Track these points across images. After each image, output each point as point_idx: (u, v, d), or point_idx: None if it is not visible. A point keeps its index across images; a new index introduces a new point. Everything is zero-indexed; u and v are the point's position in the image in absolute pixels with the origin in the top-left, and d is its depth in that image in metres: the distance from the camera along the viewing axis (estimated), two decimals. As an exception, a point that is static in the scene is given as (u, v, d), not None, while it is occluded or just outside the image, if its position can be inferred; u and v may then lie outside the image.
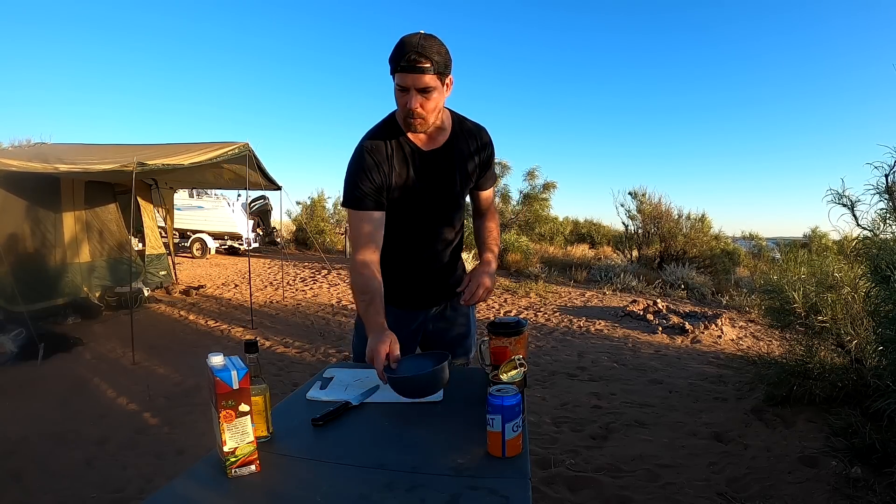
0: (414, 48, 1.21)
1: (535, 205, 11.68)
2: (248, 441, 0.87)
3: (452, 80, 1.33)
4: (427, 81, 1.23)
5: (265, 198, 12.86)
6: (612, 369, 4.21)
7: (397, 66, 1.23)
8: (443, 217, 1.49)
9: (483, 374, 1.29)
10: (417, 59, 1.21)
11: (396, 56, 1.23)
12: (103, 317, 5.66)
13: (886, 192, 2.55)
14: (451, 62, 1.29)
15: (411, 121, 1.29)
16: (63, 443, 2.69)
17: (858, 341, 2.73)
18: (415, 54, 1.20)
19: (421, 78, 1.23)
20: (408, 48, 1.21)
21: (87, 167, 4.75)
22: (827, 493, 2.06)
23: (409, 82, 1.24)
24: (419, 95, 1.25)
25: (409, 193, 1.40)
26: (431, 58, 1.22)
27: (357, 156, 1.37)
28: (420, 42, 1.21)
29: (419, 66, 1.21)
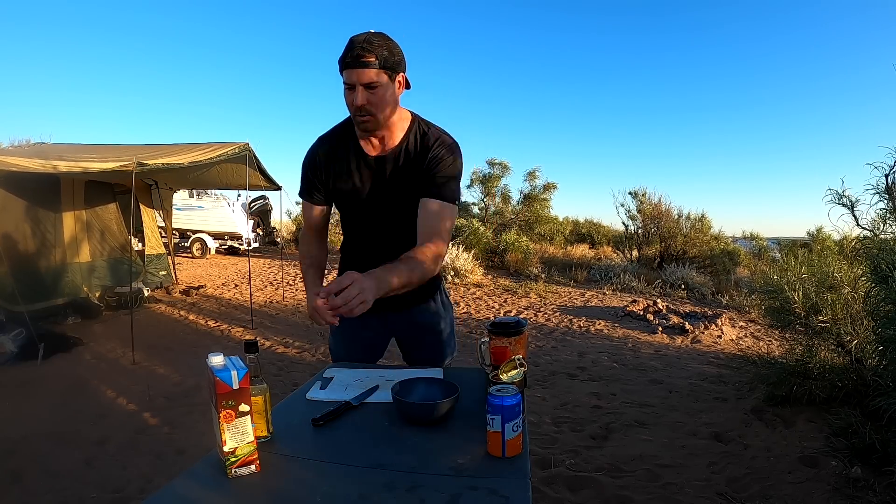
0: (359, 44, 1.21)
1: (535, 205, 11.67)
2: (248, 441, 0.87)
3: (406, 80, 1.32)
4: (372, 76, 1.22)
5: (265, 198, 12.87)
6: (612, 369, 4.21)
7: (343, 63, 1.23)
8: (397, 222, 1.42)
9: (483, 374, 1.29)
10: (362, 54, 1.20)
11: (343, 54, 1.23)
12: (103, 317, 5.66)
13: (886, 192, 2.55)
14: (402, 60, 1.28)
15: (360, 119, 1.28)
16: (63, 443, 2.69)
17: (858, 341, 2.73)
18: (359, 50, 1.20)
19: (366, 73, 1.22)
20: (353, 44, 1.21)
21: (87, 166, 4.75)
22: (827, 493, 2.06)
23: (354, 78, 1.23)
24: (365, 91, 1.24)
25: (356, 198, 1.42)
26: (376, 52, 1.21)
27: (307, 156, 1.44)
28: (366, 38, 1.21)
29: (363, 60, 1.20)
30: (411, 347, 1.62)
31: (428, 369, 1.43)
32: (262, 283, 8.32)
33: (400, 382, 1.13)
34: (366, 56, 1.21)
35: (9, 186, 4.90)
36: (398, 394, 1.09)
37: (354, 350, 1.58)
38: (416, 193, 1.36)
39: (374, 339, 1.60)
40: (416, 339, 1.61)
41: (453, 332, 1.67)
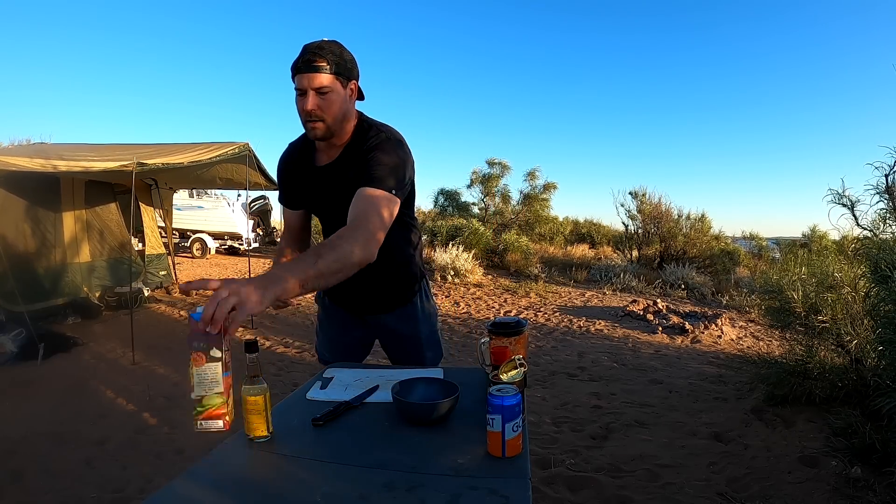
0: (311, 50, 1.22)
1: (535, 205, 11.68)
2: (218, 391, 0.80)
3: (359, 88, 1.32)
4: (323, 81, 1.23)
5: (265, 198, 12.87)
6: (612, 369, 4.20)
7: (295, 69, 1.24)
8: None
9: (483, 374, 1.29)
10: (313, 59, 1.22)
11: (296, 59, 1.24)
12: (103, 317, 5.66)
13: (886, 192, 2.55)
14: (355, 68, 1.29)
15: (310, 125, 1.27)
16: (63, 443, 2.69)
17: (858, 341, 2.73)
18: (310, 55, 1.22)
19: (316, 77, 1.22)
20: (306, 50, 1.23)
21: (87, 166, 4.75)
22: (827, 493, 2.06)
23: (305, 83, 1.23)
24: (316, 96, 1.24)
25: (313, 206, 1.48)
26: (327, 58, 1.22)
27: (278, 163, 1.50)
28: (319, 45, 1.23)
29: (314, 64, 1.22)
30: (392, 351, 1.64)
31: (428, 369, 1.43)
32: (262, 283, 8.31)
33: (400, 382, 1.13)
34: (317, 61, 1.22)
35: (9, 186, 4.90)
36: (398, 394, 1.09)
37: (337, 352, 1.60)
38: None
39: (355, 342, 1.62)
40: (395, 343, 1.61)
41: (437, 338, 1.63)
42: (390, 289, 1.53)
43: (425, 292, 1.61)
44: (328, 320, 1.63)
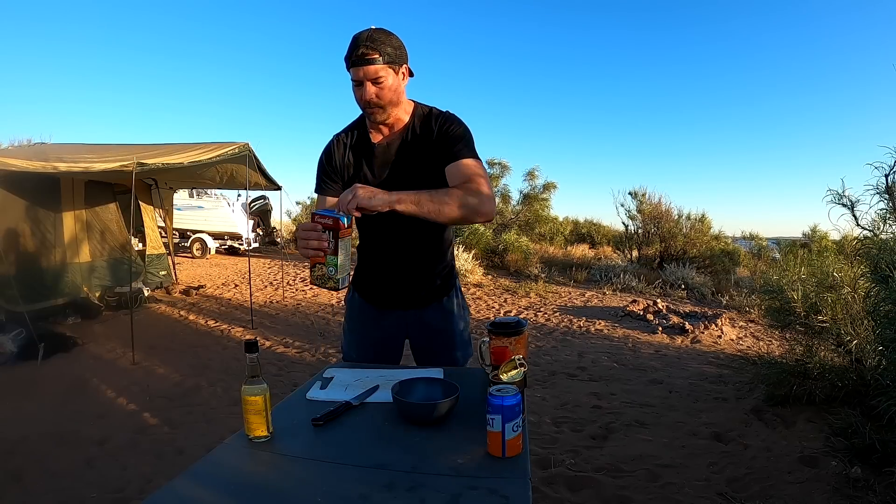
0: (363, 42, 1.27)
1: (535, 205, 11.68)
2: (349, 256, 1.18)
3: (409, 69, 1.39)
4: (378, 71, 1.29)
5: (265, 198, 12.86)
6: (612, 369, 4.21)
7: (350, 61, 1.30)
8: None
9: (483, 374, 1.29)
10: (367, 52, 1.27)
11: (349, 52, 1.29)
12: (103, 317, 5.66)
13: (886, 192, 2.55)
14: (404, 52, 1.34)
15: (370, 111, 1.36)
16: (63, 443, 2.69)
17: (858, 341, 2.73)
18: (363, 48, 1.27)
19: (372, 69, 1.29)
20: (357, 42, 1.28)
21: (87, 166, 4.75)
22: (827, 493, 2.06)
23: (361, 75, 1.30)
24: (373, 86, 1.31)
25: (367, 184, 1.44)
26: (380, 49, 1.28)
27: (323, 151, 1.50)
28: (370, 35, 1.28)
29: (369, 57, 1.27)
30: (422, 348, 1.60)
31: (428, 369, 1.43)
32: (262, 283, 8.33)
33: (400, 382, 1.13)
34: (370, 53, 1.27)
35: (9, 186, 4.90)
36: (398, 394, 1.09)
37: (368, 352, 1.57)
38: (430, 172, 1.38)
39: (386, 340, 1.58)
40: (428, 340, 1.58)
41: (469, 337, 1.63)
42: (432, 280, 1.53)
43: (458, 288, 1.63)
44: (359, 318, 1.60)
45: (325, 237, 1.16)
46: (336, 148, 1.47)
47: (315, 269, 1.20)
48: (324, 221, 1.16)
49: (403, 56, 1.34)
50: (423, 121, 1.43)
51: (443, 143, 1.38)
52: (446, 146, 1.37)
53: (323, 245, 1.16)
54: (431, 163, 1.39)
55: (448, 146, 1.37)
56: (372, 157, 1.44)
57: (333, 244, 1.16)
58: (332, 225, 1.15)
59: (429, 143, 1.40)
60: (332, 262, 1.17)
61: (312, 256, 1.19)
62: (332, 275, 1.18)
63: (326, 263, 1.18)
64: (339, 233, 1.15)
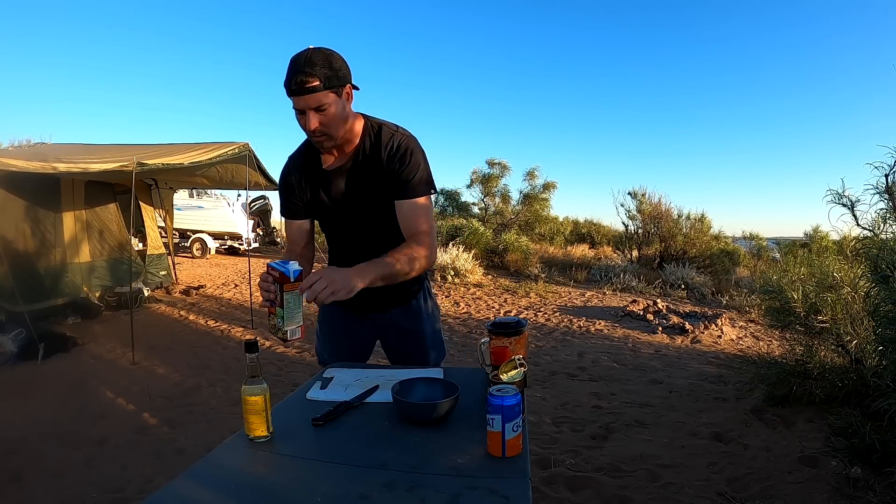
0: (301, 68, 1.20)
1: (535, 205, 11.68)
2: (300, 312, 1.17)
3: (351, 90, 1.31)
4: (319, 99, 1.23)
5: (265, 198, 12.87)
6: (612, 369, 4.20)
7: (289, 90, 1.23)
8: (368, 228, 1.44)
9: (483, 374, 1.29)
10: (305, 81, 1.20)
11: (287, 80, 1.22)
12: (103, 317, 5.66)
13: (886, 192, 2.55)
14: (347, 73, 1.27)
15: (317, 140, 1.31)
16: (63, 443, 2.69)
17: (858, 341, 2.73)
18: (301, 76, 1.19)
19: (312, 98, 1.22)
20: (295, 70, 1.20)
21: (87, 167, 4.75)
22: (827, 493, 2.06)
23: (302, 104, 1.23)
24: (316, 114, 1.24)
25: (322, 210, 1.45)
26: (319, 74, 1.20)
27: (280, 176, 1.49)
28: (307, 59, 1.20)
29: (307, 86, 1.20)
30: (394, 350, 1.63)
31: (428, 369, 1.43)
32: (262, 283, 8.31)
33: (400, 382, 1.13)
34: (310, 81, 1.20)
35: (9, 186, 4.90)
36: (398, 394, 1.09)
37: (339, 353, 1.59)
38: (383, 196, 1.38)
39: (358, 343, 1.61)
40: (398, 341, 1.60)
41: (439, 336, 1.65)
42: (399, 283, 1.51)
43: (427, 290, 1.63)
44: (329, 321, 1.63)
45: (273, 288, 1.15)
46: (291, 173, 1.45)
47: (270, 318, 1.20)
48: (273, 274, 1.15)
49: (346, 76, 1.27)
50: (374, 140, 1.37)
51: (393, 176, 1.35)
52: (397, 180, 1.35)
53: (271, 297, 1.16)
54: (383, 187, 1.37)
55: (399, 181, 1.35)
56: (325, 182, 1.42)
57: (279, 297, 1.15)
58: (279, 278, 1.15)
59: (379, 165, 1.36)
60: (279, 314, 1.16)
61: (265, 307, 1.19)
62: (279, 326, 1.16)
63: (276, 314, 1.17)
64: (282, 287, 1.14)
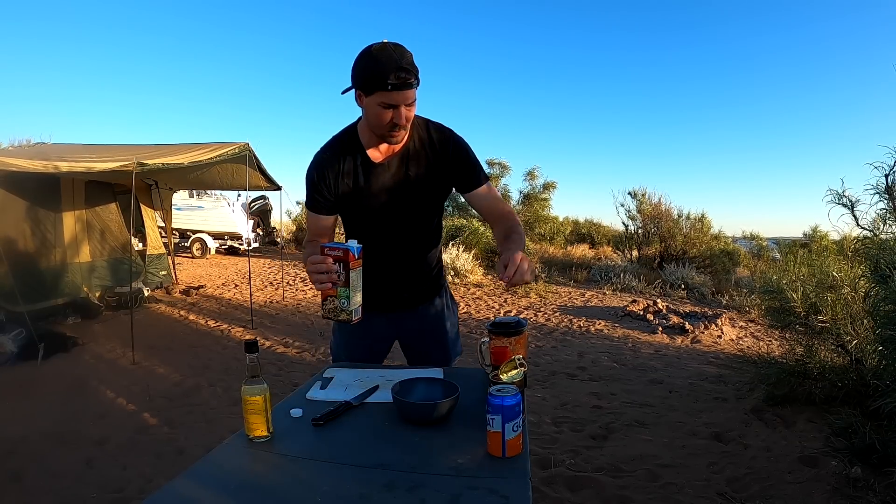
0: (402, 67, 1.19)
1: (535, 205, 11.69)
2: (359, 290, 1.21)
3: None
4: (414, 95, 1.26)
5: (265, 198, 12.86)
6: (612, 369, 4.21)
7: (385, 84, 1.21)
8: (406, 224, 1.45)
9: (483, 374, 1.29)
10: (407, 77, 1.20)
11: (381, 74, 1.20)
12: (103, 317, 5.66)
13: (886, 192, 2.55)
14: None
15: (394, 134, 1.30)
16: (63, 443, 2.69)
17: (858, 341, 2.73)
18: (403, 72, 1.20)
19: (411, 93, 1.24)
20: (395, 65, 1.19)
21: (88, 166, 4.75)
22: (827, 493, 2.06)
23: (399, 100, 1.23)
24: (406, 109, 1.26)
25: (363, 203, 1.42)
26: (414, 73, 1.23)
27: (310, 167, 1.42)
28: (404, 57, 1.21)
29: (409, 82, 1.21)
30: (417, 347, 1.62)
31: (428, 369, 1.43)
32: (262, 283, 8.33)
33: (400, 382, 1.13)
34: (410, 79, 1.22)
35: (9, 186, 4.90)
36: (398, 394, 1.09)
37: (357, 353, 1.57)
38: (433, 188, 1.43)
39: (377, 341, 1.60)
40: (422, 338, 1.60)
41: (458, 333, 1.68)
42: (423, 282, 1.55)
43: (447, 286, 1.66)
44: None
45: (335, 269, 1.16)
46: (329, 166, 1.39)
47: (327, 302, 1.20)
48: (334, 254, 1.16)
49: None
50: (424, 134, 1.40)
51: (460, 169, 1.42)
52: (466, 173, 1.43)
53: (333, 278, 1.17)
54: (431, 181, 1.41)
55: (468, 173, 1.43)
56: (374, 177, 1.39)
57: (344, 276, 1.16)
58: (342, 257, 1.15)
59: (434, 159, 1.40)
60: (343, 294, 1.17)
61: (324, 290, 1.19)
62: (344, 307, 1.18)
63: (338, 296, 1.18)
64: (349, 264, 1.15)
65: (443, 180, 1.43)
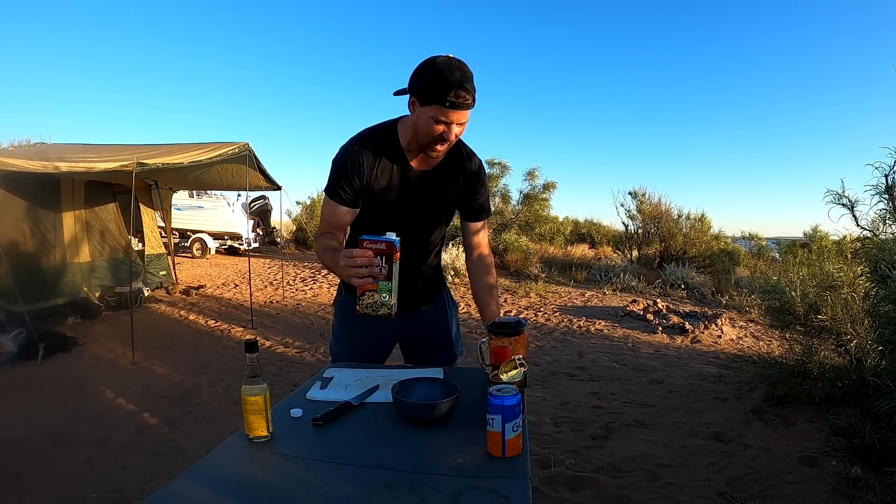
0: (463, 86, 1.19)
1: (535, 205, 11.66)
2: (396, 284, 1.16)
3: None
4: (468, 116, 1.26)
5: (265, 198, 12.86)
6: (612, 369, 4.21)
7: (444, 101, 1.19)
8: (421, 232, 1.48)
9: (483, 374, 1.29)
10: (466, 98, 1.20)
11: (442, 89, 1.19)
12: (103, 317, 5.66)
13: (886, 192, 2.55)
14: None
15: (438, 148, 1.29)
16: (63, 443, 2.69)
17: (858, 341, 2.73)
18: (464, 92, 1.19)
19: (465, 114, 1.24)
20: (457, 84, 1.18)
21: (88, 166, 4.75)
22: (827, 493, 2.06)
23: (454, 118, 1.23)
24: (457, 128, 1.26)
25: (390, 205, 1.41)
26: (473, 94, 1.22)
27: (343, 155, 1.37)
28: (467, 76, 1.20)
29: (467, 103, 1.21)
30: (420, 348, 1.62)
31: (428, 369, 1.43)
32: (262, 283, 8.32)
33: (400, 382, 1.13)
34: (469, 99, 1.21)
35: (9, 186, 4.89)
36: (398, 394, 1.09)
37: (358, 352, 1.57)
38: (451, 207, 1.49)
39: (379, 342, 1.60)
40: (424, 339, 1.61)
41: (460, 333, 1.69)
42: (425, 283, 1.57)
43: (447, 287, 1.68)
44: (353, 321, 1.57)
45: (377, 262, 1.11)
46: (365, 160, 1.35)
47: (365, 297, 1.14)
48: (375, 247, 1.11)
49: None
50: (455, 155, 1.43)
51: (473, 195, 1.47)
52: (476, 201, 1.49)
53: (375, 272, 1.12)
54: (454, 195, 1.46)
55: (477, 202, 1.49)
56: (408, 183, 1.40)
57: (387, 269, 1.11)
58: (386, 250, 1.10)
59: (459, 180, 1.44)
60: (386, 288, 1.13)
61: (363, 284, 1.14)
62: (385, 301, 1.13)
63: (379, 290, 1.13)
64: (392, 257, 1.11)
65: (463, 202, 1.48)
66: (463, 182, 1.44)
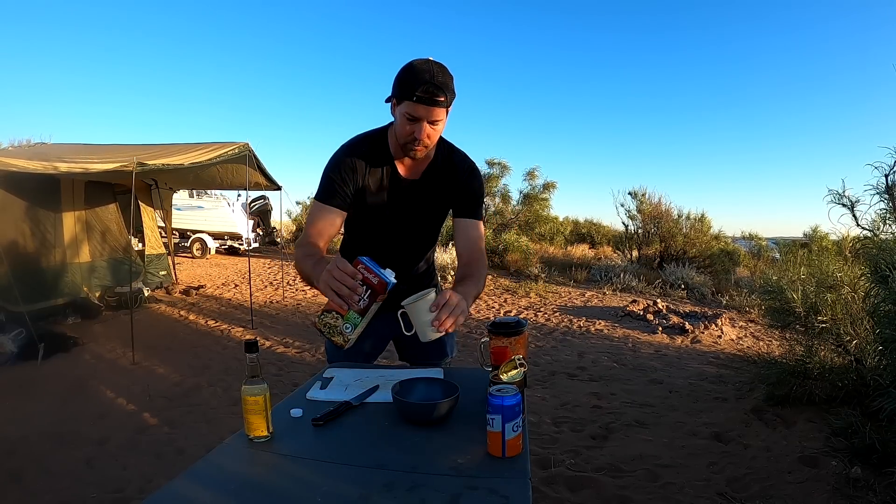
0: (433, 81, 1.18)
1: (535, 205, 11.66)
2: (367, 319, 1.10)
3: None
4: (440, 115, 1.25)
5: (265, 198, 12.87)
6: (612, 369, 4.21)
7: (412, 95, 1.20)
8: (410, 237, 1.48)
9: (483, 374, 1.29)
10: (436, 93, 1.19)
11: (411, 85, 1.19)
12: (103, 317, 5.66)
13: (886, 192, 2.55)
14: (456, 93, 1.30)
15: (413, 147, 1.29)
16: (63, 443, 2.69)
17: (858, 341, 2.73)
18: (434, 87, 1.19)
19: (436, 111, 1.23)
20: (426, 79, 1.18)
21: (88, 167, 4.75)
22: (827, 493, 2.06)
23: (422, 114, 1.22)
24: (429, 127, 1.25)
25: (379, 213, 1.42)
26: (447, 93, 1.22)
27: (335, 162, 1.37)
28: (442, 78, 1.20)
29: (436, 99, 1.21)
30: (412, 346, 1.61)
31: (428, 369, 1.43)
32: (262, 283, 8.33)
33: (400, 382, 1.13)
34: (439, 96, 1.21)
35: (9, 186, 4.90)
36: (398, 394, 1.09)
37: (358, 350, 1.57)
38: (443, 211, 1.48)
39: (377, 340, 1.60)
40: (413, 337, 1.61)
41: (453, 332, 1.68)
42: (419, 280, 1.57)
43: (440, 285, 1.69)
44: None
45: (360, 292, 1.03)
46: (358, 163, 1.36)
47: (328, 316, 1.08)
48: (368, 276, 1.04)
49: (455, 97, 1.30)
50: (445, 158, 1.42)
51: (464, 197, 1.44)
52: (468, 202, 1.44)
53: (353, 300, 1.04)
54: (444, 203, 1.46)
55: (469, 203, 1.44)
56: (396, 190, 1.40)
57: (366, 304, 1.05)
58: (376, 286, 1.04)
59: (451, 184, 1.42)
60: (353, 320, 1.06)
61: (335, 305, 1.06)
62: (345, 331, 1.07)
63: (346, 318, 1.06)
64: (377, 296, 1.05)
65: (454, 203, 1.46)
66: (452, 185, 1.43)
